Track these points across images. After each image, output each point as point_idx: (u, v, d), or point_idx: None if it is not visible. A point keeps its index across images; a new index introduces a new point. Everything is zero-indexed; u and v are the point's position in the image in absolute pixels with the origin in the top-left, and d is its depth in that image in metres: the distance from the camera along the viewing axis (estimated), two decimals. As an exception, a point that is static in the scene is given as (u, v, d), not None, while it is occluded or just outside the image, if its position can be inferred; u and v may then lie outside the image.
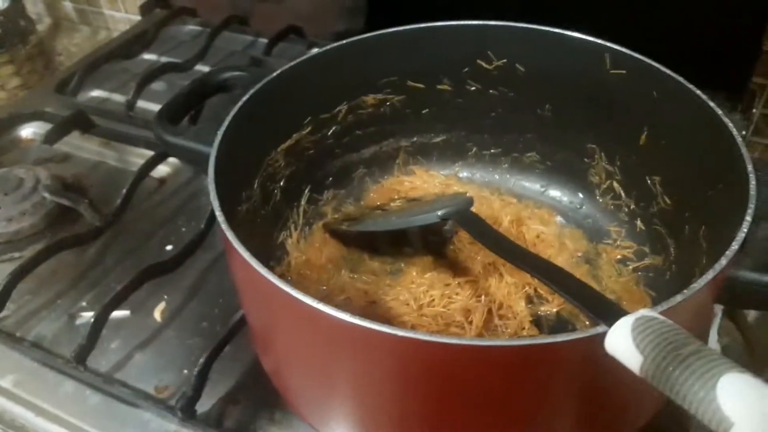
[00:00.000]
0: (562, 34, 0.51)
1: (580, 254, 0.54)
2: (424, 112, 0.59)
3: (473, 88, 0.57)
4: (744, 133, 0.74)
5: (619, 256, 0.54)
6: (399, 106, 0.58)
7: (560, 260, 0.52)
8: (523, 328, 0.48)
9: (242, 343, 0.52)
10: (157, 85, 0.85)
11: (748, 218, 0.35)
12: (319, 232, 0.57)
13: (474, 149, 0.61)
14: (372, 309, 0.49)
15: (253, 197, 0.50)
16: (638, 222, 0.54)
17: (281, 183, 0.54)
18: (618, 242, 0.55)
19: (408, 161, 0.62)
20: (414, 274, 0.52)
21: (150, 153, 0.71)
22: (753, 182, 0.37)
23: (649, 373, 0.26)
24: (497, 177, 0.61)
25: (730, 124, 0.41)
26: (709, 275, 0.32)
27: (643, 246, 0.53)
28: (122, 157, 0.79)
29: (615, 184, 0.55)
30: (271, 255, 0.53)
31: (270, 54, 0.90)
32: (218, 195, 0.40)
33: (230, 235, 0.36)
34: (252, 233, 0.48)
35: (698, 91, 0.44)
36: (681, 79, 0.46)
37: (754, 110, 0.77)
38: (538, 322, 0.49)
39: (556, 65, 0.53)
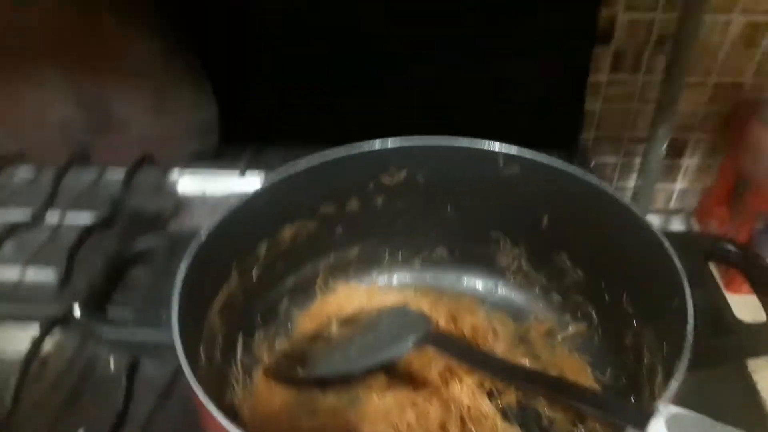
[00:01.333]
0: (455, 144, 0.56)
1: (511, 336, 0.58)
2: (337, 231, 0.61)
3: (380, 202, 0.60)
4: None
5: (545, 330, 0.59)
6: (314, 231, 0.59)
7: (501, 347, 0.56)
8: (497, 426, 0.50)
9: None
10: (8, 247, 0.77)
11: (690, 323, 0.40)
12: (262, 381, 0.55)
13: (387, 255, 0.64)
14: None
15: (199, 368, 0.48)
16: (554, 295, 0.59)
17: (220, 342, 0.52)
18: (540, 317, 0.60)
19: (327, 281, 0.63)
20: (375, 398, 0.52)
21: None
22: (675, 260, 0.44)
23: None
24: (413, 277, 0.64)
25: (624, 199, 0.48)
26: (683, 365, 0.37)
27: (564, 316, 0.59)
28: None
29: (523, 264, 0.61)
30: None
31: (129, 186, 0.86)
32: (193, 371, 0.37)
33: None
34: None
35: (582, 171, 0.51)
36: (568, 167, 0.52)
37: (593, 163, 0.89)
38: (504, 415, 0.52)
39: (453, 171, 0.58)
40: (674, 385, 0.36)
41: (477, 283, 0.63)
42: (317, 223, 0.59)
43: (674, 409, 0.32)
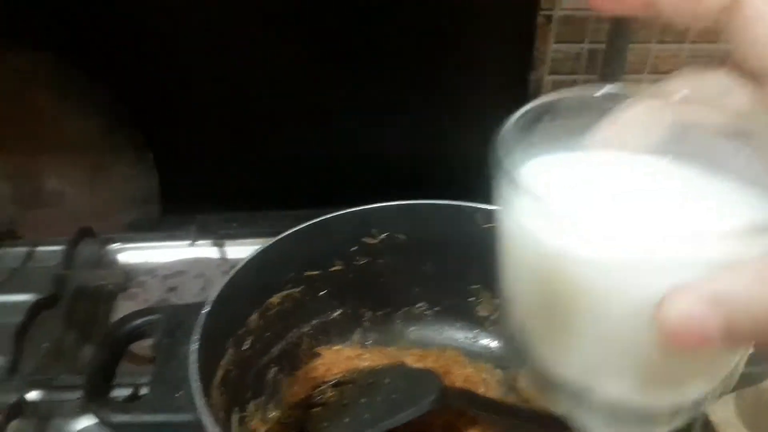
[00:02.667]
0: (434, 204, 0.59)
1: (500, 384, 0.60)
2: (320, 294, 0.61)
3: (362, 263, 0.61)
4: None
5: (530, 376, 0.61)
6: (299, 297, 0.59)
7: (495, 396, 0.58)
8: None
9: None
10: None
11: None
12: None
13: (368, 314, 0.64)
14: None
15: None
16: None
17: (221, 418, 0.50)
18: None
19: (311, 345, 0.62)
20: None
21: None
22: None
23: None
24: (395, 334, 0.65)
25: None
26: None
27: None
28: None
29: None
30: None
31: (72, 266, 0.81)
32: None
33: None
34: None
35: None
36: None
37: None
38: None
39: (433, 230, 0.60)
40: None
41: (458, 334, 0.65)
42: (302, 288, 0.59)
43: None
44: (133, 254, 0.86)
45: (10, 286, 0.80)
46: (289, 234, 0.55)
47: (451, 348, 0.64)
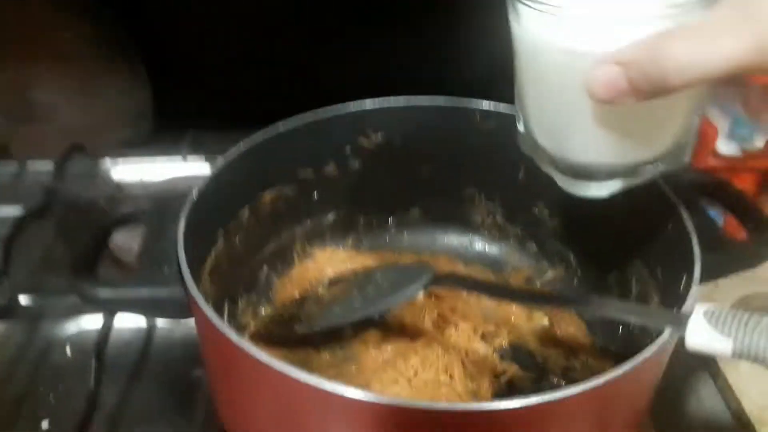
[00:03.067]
0: (432, 103, 0.57)
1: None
2: (314, 196, 0.60)
3: (357, 165, 0.60)
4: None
5: (523, 278, 0.61)
6: (292, 196, 0.58)
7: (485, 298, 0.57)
8: (496, 366, 0.51)
9: None
10: None
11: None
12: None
13: (362, 219, 0.64)
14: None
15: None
16: (530, 244, 0.62)
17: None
18: (517, 266, 0.62)
19: (305, 247, 0.62)
20: (373, 351, 0.52)
21: None
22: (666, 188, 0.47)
23: (744, 352, 0.32)
24: (388, 239, 0.65)
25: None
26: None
27: (541, 263, 0.61)
28: None
29: (498, 218, 0.63)
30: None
31: (63, 179, 0.80)
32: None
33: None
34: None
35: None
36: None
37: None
38: (500, 356, 0.53)
39: (431, 130, 0.58)
40: (694, 289, 0.38)
41: (452, 240, 0.65)
42: (295, 187, 0.58)
43: (707, 305, 0.34)
44: (125, 170, 0.85)
45: (2, 200, 0.79)
46: (279, 128, 0.53)
47: (444, 253, 0.63)
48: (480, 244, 0.64)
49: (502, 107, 0.56)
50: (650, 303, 0.48)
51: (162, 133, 0.91)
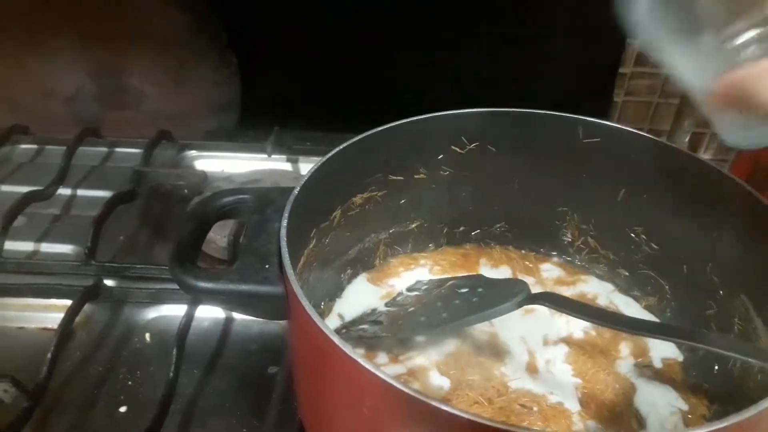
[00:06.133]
0: (534, 113, 0.56)
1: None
2: (401, 202, 0.59)
3: (446, 173, 0.59)
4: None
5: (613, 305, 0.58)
6: (380, 201, 0.57)
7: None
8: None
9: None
10: (18, 221, 0.72)
11: None
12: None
13: (445, 230, 0.63)
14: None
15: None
16: (621, 270, 0.59)
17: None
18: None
19: (387, 253, 0.61)
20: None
21: (35, 301, 0.62)
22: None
23: None
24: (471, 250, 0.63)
25: (712, 163, 0.48)
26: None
27: (632, 291, 0.58)
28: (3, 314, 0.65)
29: (590, 240, 0.60)
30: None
31: (149, 164, 0.82)
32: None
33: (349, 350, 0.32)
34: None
35: (673, 144, 0.51)
36: (652, 137, 0.52)
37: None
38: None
39: (527, 142, 0.57)
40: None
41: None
42: (386, 192, 0.57)
43: None
44: (210, 162, 0.86)
45: (90, 182, 0.82)
46: (377, 131, 0.53)
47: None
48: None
49: (607, 124, 0.54)
50: (757, 342, 0.45)
51: (246, 127, 0.92)
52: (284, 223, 0.42)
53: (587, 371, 0.50)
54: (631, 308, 0.57)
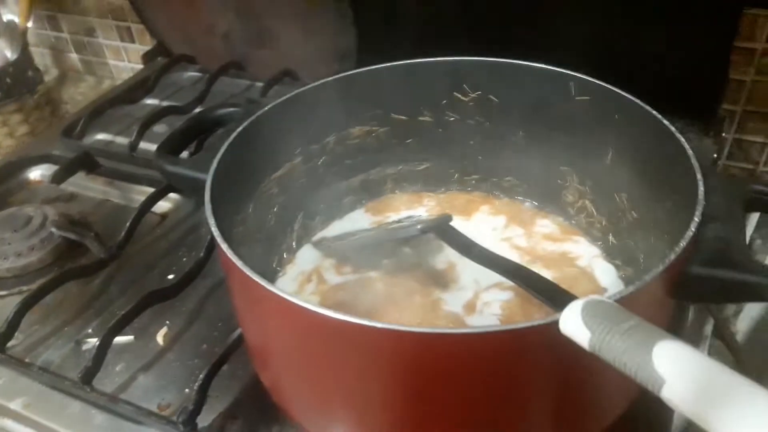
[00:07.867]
0: (530, 65, 0.56)
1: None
2: (407, 142, 0.63)
3: (452, 119, 0.61)
4: (715, 155, 0.78)
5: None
6: (384, 137, 0.62)
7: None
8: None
9: (240, 363, 0.55)
10: (159, 128, 0.90)
11: (696, 219, 0.39)
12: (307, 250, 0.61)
13: (456, 176, 0.65)
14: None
15: (247, 220, 0.54)
16: (610, 237, 0.57)
17: (275, 209, 0.58)
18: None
19: (394, 187, 0.66)
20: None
21: (151, 190, 0.76)
22: (701, 188, 0.41)
23: (596, 346, 0.29)
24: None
25: (682, 138, 0.45)
26: (659, 268, 0.36)
27: (616, 260, 0.56)
28: (125, 194, 0.83)
29: (587, 203, 0.59)
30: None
31: (266, 96, 0.95)
32: (214, 214, 0.43)
33: (225, 247, 0.39)
34: (249, 256, 0.52)
35: (653, 111, 0.48)
36: (638, 101, 0.50)
37: (724, 135, 0.82)
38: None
39: (526, 95, 0.57)
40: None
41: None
42: (388, 129, 0.62)
43: (596, 297, 0.31)
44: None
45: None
46: (375, 68, 0.58)
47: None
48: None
49: (600, 82, 0.53)
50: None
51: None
52: (236, 132, 0.50)
53: (512, 319, 0.51)
54: (608, 275, 0.56)
